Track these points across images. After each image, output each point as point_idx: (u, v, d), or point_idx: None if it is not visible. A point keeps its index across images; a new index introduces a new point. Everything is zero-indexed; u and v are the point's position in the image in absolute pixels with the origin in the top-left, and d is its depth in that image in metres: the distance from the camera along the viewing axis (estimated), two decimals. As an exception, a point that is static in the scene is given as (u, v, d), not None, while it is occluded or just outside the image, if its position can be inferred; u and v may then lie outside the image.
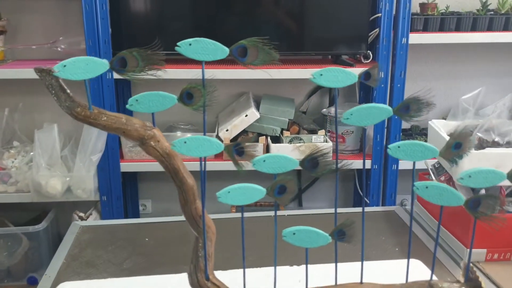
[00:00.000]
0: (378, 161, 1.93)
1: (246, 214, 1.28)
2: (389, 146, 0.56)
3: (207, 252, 0.56)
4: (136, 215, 2.23)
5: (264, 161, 0.55)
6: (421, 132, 2.10)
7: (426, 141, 2.01)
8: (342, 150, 1.94)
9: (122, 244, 1.15)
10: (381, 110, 0.56)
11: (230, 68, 1.78)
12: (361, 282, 0.63)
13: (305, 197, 2.29)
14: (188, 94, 0.54)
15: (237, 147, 0.54)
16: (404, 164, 1.95)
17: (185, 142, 0.52)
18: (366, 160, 1.89)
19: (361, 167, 1.98)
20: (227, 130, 1.86)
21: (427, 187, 0.56)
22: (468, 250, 1.07)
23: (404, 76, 1.85)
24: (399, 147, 0.56)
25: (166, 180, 2.20)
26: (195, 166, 0.57)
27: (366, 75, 0.57)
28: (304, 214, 1.35)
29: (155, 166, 2.01)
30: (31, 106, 2.06)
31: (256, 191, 0.55)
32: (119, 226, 1.27)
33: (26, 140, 1.97)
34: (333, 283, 0.64)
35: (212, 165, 1.82)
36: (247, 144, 0.54)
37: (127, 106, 0.53)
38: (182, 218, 1.34)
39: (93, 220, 1.90)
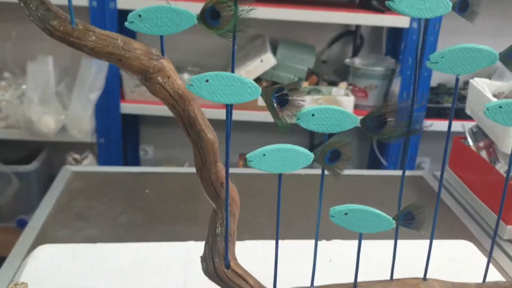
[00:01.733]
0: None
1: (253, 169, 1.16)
2: (487, 105, 0.41)
3: (229, 231, 0.41)
4: (136, 161, 2.10)
5: (313, 115, 0.40)
6: (449, 91, 1.92)
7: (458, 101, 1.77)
8: (364, 106, 1.78)
9: (118, 195, 1.03)
10: (483, 54, 0.40)
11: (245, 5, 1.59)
12: (425, 278, 0.49)
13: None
14: (213, 12, 0.37)
15: (279, 94, 0.38)
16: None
17: (207, 81, 0.36)
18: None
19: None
20: (239, 76, 1.69)
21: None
22: (508, 227, 0.95)
23: (439, 29, 1.66)
24: (500, 107, 0.40)
25: (170, 125, 2.02)
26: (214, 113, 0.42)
27: (462, 4, 0.41)
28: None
29: (159, 110, 1.83)
30: (25, 34, 1.87)
31: (301, 156, 0.40)
32: (116, 174, 1.16)
33: (18, 72, 1.81)
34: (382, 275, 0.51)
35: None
36: (293, 89, 0.38)
37: (126, 23, 0.37)
38: (187, 169, 1.22)
39: (89, 163, 1.78)
